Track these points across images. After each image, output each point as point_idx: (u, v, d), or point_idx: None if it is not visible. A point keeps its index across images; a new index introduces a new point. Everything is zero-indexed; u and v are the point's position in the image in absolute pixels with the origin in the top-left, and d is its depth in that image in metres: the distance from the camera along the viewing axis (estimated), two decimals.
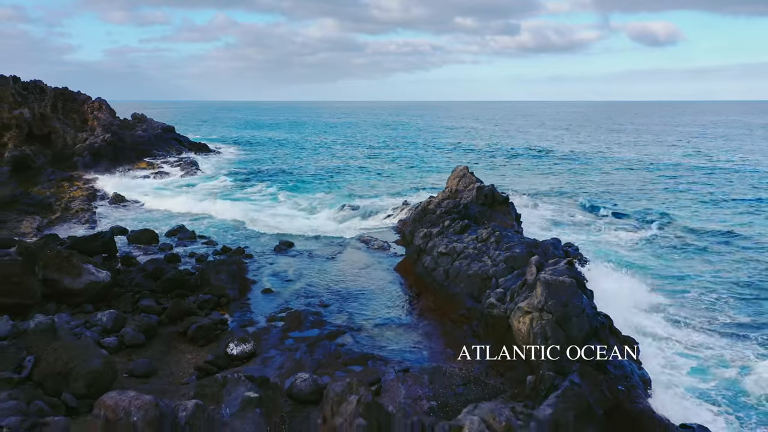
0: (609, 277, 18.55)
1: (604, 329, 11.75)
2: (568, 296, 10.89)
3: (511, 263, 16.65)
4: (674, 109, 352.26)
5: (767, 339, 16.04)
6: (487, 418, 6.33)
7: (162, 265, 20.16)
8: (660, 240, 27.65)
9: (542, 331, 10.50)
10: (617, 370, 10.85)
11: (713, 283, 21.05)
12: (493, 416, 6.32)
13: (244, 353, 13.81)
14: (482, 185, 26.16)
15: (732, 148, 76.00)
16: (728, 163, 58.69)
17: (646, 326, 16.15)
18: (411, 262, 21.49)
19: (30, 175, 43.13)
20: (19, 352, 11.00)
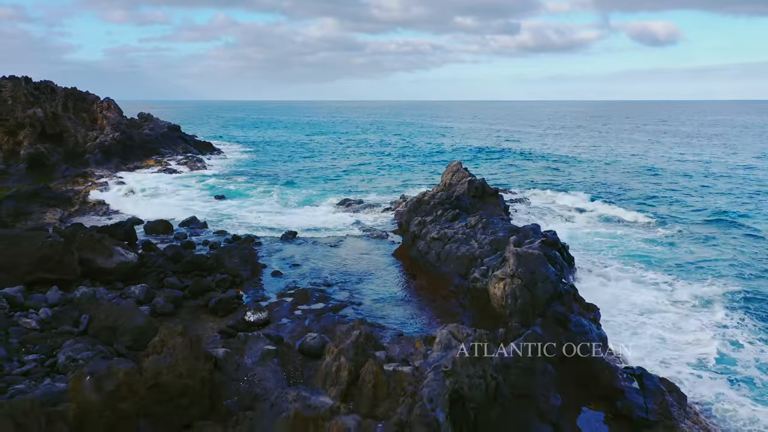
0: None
1: (568, 295, 13.80)
2: (536, 265, 12.96)
3: (495, 246, 18.71)
4: (673, 108, 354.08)
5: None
6: (452, 330, 8.32)
7: (180, 251, 22.27)
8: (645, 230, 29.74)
9: (513, 293, 12.56)
10: (577, 327, 12.90)
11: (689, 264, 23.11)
12: (458, 330, 8.30)
13: (260, 320, 15.88)
14: (473, 179, 28.21)
15: (723, 145, 78.07)
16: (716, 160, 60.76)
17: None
18: (407, 247, 23.56)
19: (45, 172, 45.22)
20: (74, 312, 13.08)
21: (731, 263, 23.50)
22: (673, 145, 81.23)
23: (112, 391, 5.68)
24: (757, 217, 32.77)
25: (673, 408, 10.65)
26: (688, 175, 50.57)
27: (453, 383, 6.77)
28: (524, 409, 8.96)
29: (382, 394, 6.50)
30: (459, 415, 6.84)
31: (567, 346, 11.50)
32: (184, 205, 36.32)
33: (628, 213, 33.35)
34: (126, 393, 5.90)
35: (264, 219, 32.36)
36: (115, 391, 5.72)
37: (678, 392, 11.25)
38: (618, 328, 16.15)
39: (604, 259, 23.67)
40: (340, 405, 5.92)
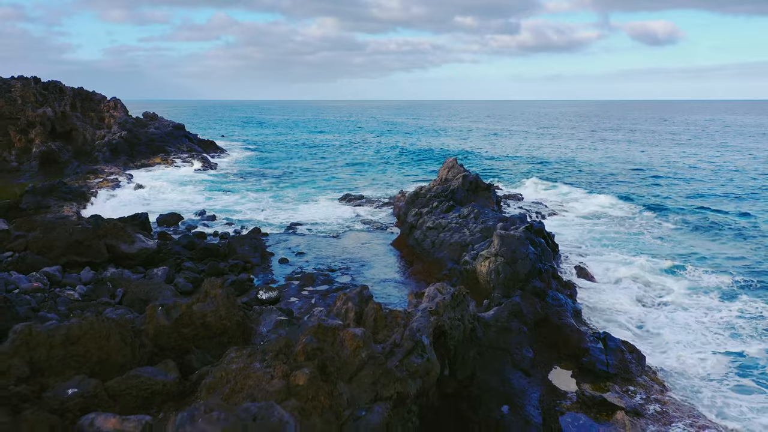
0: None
1: (547, 273, 15.52)
2: (517, 245, 14.67)
3: (485, 233, 20.42)
4: (672, 107, 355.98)
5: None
6: (438, 287, 9.98)
7: (193, 240, 23.99)
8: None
9: (496, 269, 14.27)
10: (554, 300, 14.63)
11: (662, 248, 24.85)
12: (443, 286, 9.96)
13: (271, 298, 17.59)
14: (467, 174, 29.92)
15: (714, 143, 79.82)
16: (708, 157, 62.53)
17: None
18: (404, 237, 25.28)
19: (57, 169, 46.94)
20: (108, 287, 14.79)
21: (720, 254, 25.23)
22: (670, 144, 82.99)
23: (177, 318, 7.35)
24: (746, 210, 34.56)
25: (631, 365, 12.37)
26: (680, 171, 52.30)
27: (436, 320, 8.43)
28: (500, 358, 10.65)
29: (381, 325, 8.15)
30: (441, 346, 8.53)
31: (542, 313, 13.22)
32: (192, 200, 38.02)
33: (617, 207, 35.06)
34: (186, 321, 7.56)
35: (269, 213, 34.06)
36: (179, 319, 7.39)
37: (638, 353, 12.96)
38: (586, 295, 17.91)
39: (587, 249, 25.40)
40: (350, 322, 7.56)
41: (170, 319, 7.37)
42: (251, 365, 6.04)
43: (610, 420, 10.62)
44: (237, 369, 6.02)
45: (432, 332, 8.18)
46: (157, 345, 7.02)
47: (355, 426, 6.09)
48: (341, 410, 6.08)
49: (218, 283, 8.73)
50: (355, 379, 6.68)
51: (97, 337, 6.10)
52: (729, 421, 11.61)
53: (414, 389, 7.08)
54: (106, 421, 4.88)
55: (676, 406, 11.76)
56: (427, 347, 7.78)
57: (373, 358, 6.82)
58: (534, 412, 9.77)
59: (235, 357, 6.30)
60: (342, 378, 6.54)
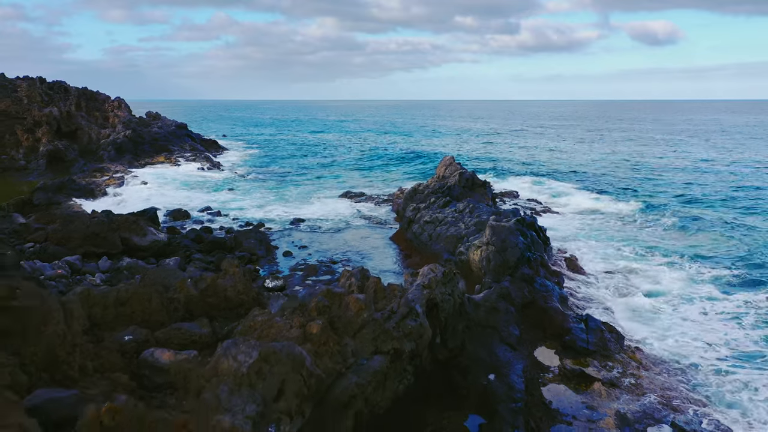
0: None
1: (535, 262, 16.62)
2: (507, 235, 15.77)
3: (479, 226, 21.50)
4: (672, 107, 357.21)
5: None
6: (431, 267, 11.05)
7: (201, 233, 25.09)
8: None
9: (487, 257, 15.36)
10: (541, 286, 15.72)
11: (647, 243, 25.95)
12: (435, 267, 11.04)
13: (277, 287, 18.69)
14: (464, 171, 31.00)
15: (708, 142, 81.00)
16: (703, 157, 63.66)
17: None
18: (403, 231, 26.39)
19: (64, 167, 48.00)
20: (125, 275, 15.88)
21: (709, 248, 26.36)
22: (666, 143, 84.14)
23: (203, 289, 8.41)
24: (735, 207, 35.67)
25: (610, 343, 13.47)
26: (675, 169, 53.42)
27: (429, 293, 9.50)
28: (488, 334, 11.73)
29: (380, 296, 9.21)
30: (433, 318, 9.61)
31: (529, 296, 14.32)
32: (197, 197, 39.10)
33: (610, 203, 36.19)
34: (211, 292, 8.63)
35: (272, 209, 35.16)
36: (205, 289, 8.46)
37: (617, 333, 14.06)
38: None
39: (579, 243, 26.50)
40: (354, 290, 8.67)
41: (198, 289, 8.46)
42: (273, 319, 7.12)
43: (587, 390, 11.72)
44: (262, 321, 7.11)
45: (425, 303, 9.27)
46: (188, 311, 8.10)
47: (358, 368, 7.20)
48: (347, 357, 7.19)
49: (235, 263, 9.81)
50: (358, 336, 7.76)
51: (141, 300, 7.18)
52: (699, 393, 12.72)
53: (408, 348, 8.17)
54: (162, 354, 5.96)
55: (651, 380, 12.87)
56: (420, 314, 8.87)
57: (373, 320, 7.90)
58: (518, 380, 10.86)
59: (258, 314, 7.40)
60: (347, 333, 7.64)
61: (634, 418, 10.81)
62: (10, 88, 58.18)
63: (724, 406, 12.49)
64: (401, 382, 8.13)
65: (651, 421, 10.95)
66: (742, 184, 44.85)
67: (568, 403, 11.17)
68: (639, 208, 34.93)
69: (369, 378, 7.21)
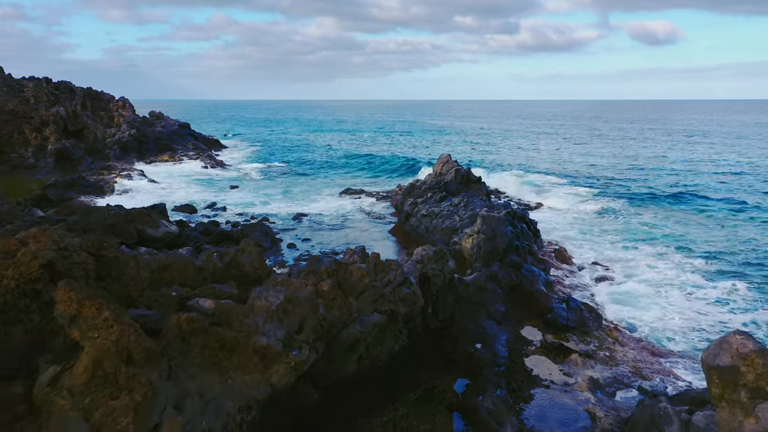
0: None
1: (524, 250, 17.94)
2: (496, 224, 17.09)
3: (473, 219, 22.80)
4: (671, 107, 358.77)
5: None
6: (424, 248, 12.36)
7: (209, 227, 26.40)
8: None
9: (478, 244, 16.69)
10: (528, 272, 17.05)
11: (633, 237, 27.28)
12: (427, 247, 12.34)
13: (283, 274, 19.97)
14: (460, 168, 32.33)
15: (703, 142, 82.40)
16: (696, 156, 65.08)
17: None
18: (401, 224, 27.71)
19: (71, 165, 49.29)
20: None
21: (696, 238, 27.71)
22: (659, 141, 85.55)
23: (228, 262, 9.71)
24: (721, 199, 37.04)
25: (589, 321, 14.79)
26: (665, 166, 54.78)
27: (422, 268, 10.81)
28: (477, 310, 13.03)
29: (379, 269, 10.50)
30: (426, 290, 10.90)
31: (516, 280, 15.64)
32: (202, 194, 40.41)
33: (601, 199, 37.54)
34: (233, 265, 9.90)
35: (275, 205, 36.47)
36: (229, 262, 9.76)
37: (596, 313, 15.39)
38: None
39: (568, 235, 27.86)
40: (357, 261, 9.97)
41: (222, 262, 9.74)
42: (291, 279, 8.42)
43: (565, 360, 13.05)
44: (282, 280, 8.39)
45: (418, 276, 10.57)
46: (215, 280, 9.37)
47: (361, 320, 8.51)
48: (352, 312, 8.48)
49: (251, 243, 11.09)
50: (360, 298, 9.06)
51: (179, 267, 8.45)
52: (669, 366, 14.04)
53: (403, 311, 9.47)
54: (205, 301, 7.25)
55: (624, 353, 14.20)
56: (414, 284, 10.17)
57: (373, 286, 9.21)
58: (502, 349, 12.18)
59: (278, 275, 8.68)
60: (351, 295, 8.92)
61: (605, 383, 12.14)
62: (17, 88, 59.53)
63: (692, 376, 13.82)
64: (397, 342, 9.42)
65: (621, 385, 12.28)
66: (730, 180, 46.20)
67: (547, 370, 12.49)
68: (628, 203, 36.27)
69: (369, 328, 8.53)
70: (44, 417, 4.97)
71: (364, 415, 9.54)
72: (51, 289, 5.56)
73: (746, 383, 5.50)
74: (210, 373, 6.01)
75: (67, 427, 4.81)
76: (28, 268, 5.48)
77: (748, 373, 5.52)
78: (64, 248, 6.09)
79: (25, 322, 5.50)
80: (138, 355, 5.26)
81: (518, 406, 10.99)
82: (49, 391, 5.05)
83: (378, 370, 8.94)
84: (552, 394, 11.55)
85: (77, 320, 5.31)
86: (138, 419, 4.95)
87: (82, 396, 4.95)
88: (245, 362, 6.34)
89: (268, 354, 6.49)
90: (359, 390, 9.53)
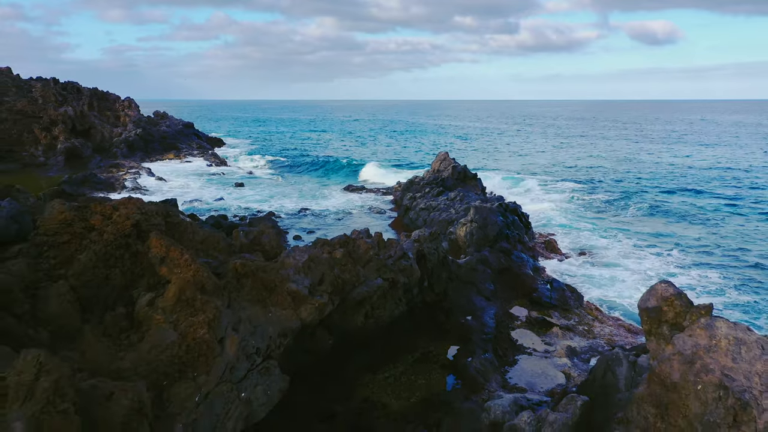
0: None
1: (513, 238, 19.51)
2: (488, 214, 18.65)
3: (467, 210, 24.38)
4: (670, 107, 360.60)
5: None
6: (420, 231, 13.86)
7: (219, 220, 27.96)
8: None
9: (471, 232, 18.25)
10: (517, 258, 18.62)
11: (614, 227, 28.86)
12: (424, 229, 13.84)
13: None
14: (457, 165, 33.89)
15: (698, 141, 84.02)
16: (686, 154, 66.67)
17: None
18: (401, 218, 29.27)
19: (81, 163, 50.80)
20: None
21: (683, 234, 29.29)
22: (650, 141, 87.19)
23: (252, 239, 11.26)
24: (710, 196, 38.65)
25: (570, 300, 16.35)
26: (652, 165, 56.40)
27: (418, 246, 12.37)
28: (468, 288, 14.58)
29: (382, 246, 12.04)
30: (422, 266, 12.46)
31: (505, 263, 17.21)
32: (208, 190, 41.97)
33: (592, 195, 39.13)
34: (256, 242, 11.42)
35: (279, 201, 38.03)
36: (253, 239, 11.30)
37: (577, 293, 16.95)
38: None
39: (558, 228, 29.44)
40: (364, 238, 11.57)
41: (248, 239, 11.25)
42: (309, 248, 9.98)
43: (547, 332, 14.61)
44: (303, 247, 9.95)
45: (415, 252, 12.12)
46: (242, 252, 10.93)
47: (367, 283, 10.10)
48: (359, 276, 10.04)
49: (270, 225, 12.61)
50: (366, 267, 10.61)
51: (214, 240, 9.96)
52: (641, 339, 15.58)
53: (402, 280, 11.03)
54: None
55: (601, 328, 15.77)
56: (412, 259, 11.72)
57: (377, 258, 10.76)
58: (489, 321, 13.74)
59: (298, 245, 10.25)
60: (359, 264, 10.49)
61: (581, 351, 13.70)
62: (25, 89, 61.01)
63: None
64: (397, 307, 10.97)
65: (595, 353, 13.83)
66: (714, 178, 47.80)
67: (530, 341, 14.06)
68: (615, 198, 37.87)
69: (374, 290, 10.09)
70: (144, 328, 6.52)
71: (370, 372, 11.14)
72: (138, 242, 7.10)
73: (667, 320, 7.03)
74: (257, 306, 7.54)
75: (162, 335, 6.34)
76: (122, 226, 7.01)
77: (669, 312, 7.06)
78: (146, 213, 7.64)
79: (120, 266, 7.07)
80: (209, 286, 6.79)
81: (503, 368, 12.56)
82: (147, 310, 6.61)
83: (382, 330, 10.48)
84: (533, 359, 13.13)
85: (166, 260, 6.88)
86: (210, 332, 6.49)
87: (172, 313, 6.52)
88: (281, 301, 7.89)
89: (298, 296, 8.10)
90: (365, 350, 11.11)
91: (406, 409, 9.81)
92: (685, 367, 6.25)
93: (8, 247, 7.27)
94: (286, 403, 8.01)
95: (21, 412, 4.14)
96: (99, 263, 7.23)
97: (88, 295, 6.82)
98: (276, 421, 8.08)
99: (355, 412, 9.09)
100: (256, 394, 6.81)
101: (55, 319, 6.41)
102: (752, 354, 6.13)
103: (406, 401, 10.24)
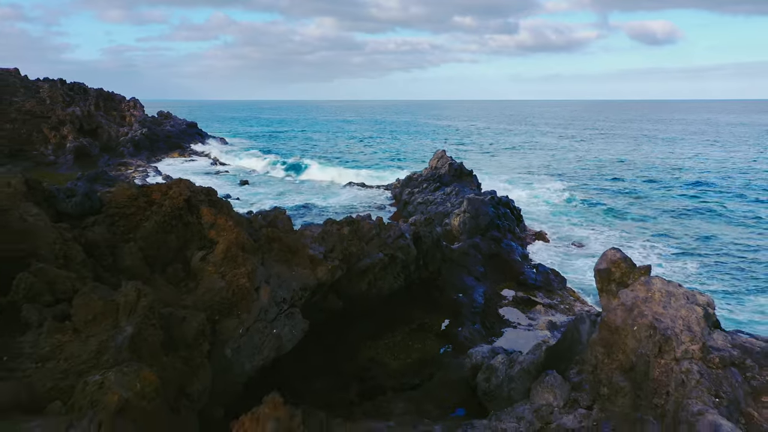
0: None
1: (504, 228, 21.10)
2: (479, 205, 20.23)
3: (462, 203, 25.96)
4: (669, 107, 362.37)
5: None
6: (417, 217, 15.40)
7: None
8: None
9: (464, 221, 19.84)
10: (507, 246, 20.22)
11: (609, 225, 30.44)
12: (420, 215, 15.38)
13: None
14: (453, 162, 35.47)
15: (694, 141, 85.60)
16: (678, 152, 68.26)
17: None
18: (400, 212, 30.85)
19: (90, 162, 52.34)
20: None
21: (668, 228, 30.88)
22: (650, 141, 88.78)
23: (270, 221, 12.87)
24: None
25: (554, 282, 17.94)
26: (644, 163, 58.02)
27: (415, 228, 13.95)
28: (460, 270, 16.15)
29: (383, 228, 13.64)
30: (418, 246, 14.06)
31: (495, 249, 18.80)
32: (214, 188, 43.49)
33: (583, 192, 40.76)
34: (273, 224, 13.03)
35: (282, 196, 39.62)
36: (270, 221, 12.91)
37: (561, 277, 18.54)
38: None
39: (548, 220, 31.02)
40: (366, 219, 13.24)
41: (265, 221, 12.84)
42: (321, 225, 11.62)
43: (531, 309, 16.20)
44: (316, 225, 11.60)
45: (412, 234, 13.72)
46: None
47: (370, 257, 11.72)
48: (364, 251, 11.65)
49: (283, 211, 14.21)
50: (369, 243, 12.23)
51: (239, 221, 11.58)
52: None
53: (400, 256, 12.64)
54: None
55: (581, 307, 17.36)
56: (408, 239, 13.32)
57: (378, 237, 12.36)
58: (479, 298, 15.33)
59: (309, 225, 11.95)
60: (362, 241, 12.09)
61: (560, 325, 15.29)
62: (33, 89, 62.57)
63: None
64: (396, 281, 12.55)
65: None
66: (702, 177, 49.43)
67: (515, 316, 15.65)
68: (605, 194, 39.51)
69: (376, 261, 11.70)
70: (199, 278, 8.12)
71: (370, 339, 12.74)
72: (189, 214, 8.70)
73: (615, 279, 8.63)
74: (283, 265, 9.15)
75: (213, 282, 7.94)
76: (177, 201, 8.59)
77: (616, 272, 8.65)
78: (194, 191, 9.24)
79: (176, 232, 8.67)
80: (248, 246, 8.37)
81: (490, 338, 14.15)
82: (201, 264, 8.22)
83: (382, 301, 12.06)
84: (518, 331, 14.73)
85: (215, 225, 8.47)
86: (249, 281, 8.09)
87: (220, 266, 8.11)
88: (302, 262, 9.50)
89: (315, 260, 9.77)
90: (368, 320, 12.71)
91: (404, 367, 11.40)
92: (626, 314, 7.82)
93: (84, 218, 8.92)
94: (304, 357, 9.60)
95: (129, 321, 5.72)
96: (159, 229, 8.80)
97: (152, 254, 8.45)
98: (298, 376, 9.68)
99: (361, 367, 10.68)
100: (284, 331, 8.41)
101: (129, 269, 8.01)
102: (679, 303, 7.70)
103: (404, 361, 11.83)
